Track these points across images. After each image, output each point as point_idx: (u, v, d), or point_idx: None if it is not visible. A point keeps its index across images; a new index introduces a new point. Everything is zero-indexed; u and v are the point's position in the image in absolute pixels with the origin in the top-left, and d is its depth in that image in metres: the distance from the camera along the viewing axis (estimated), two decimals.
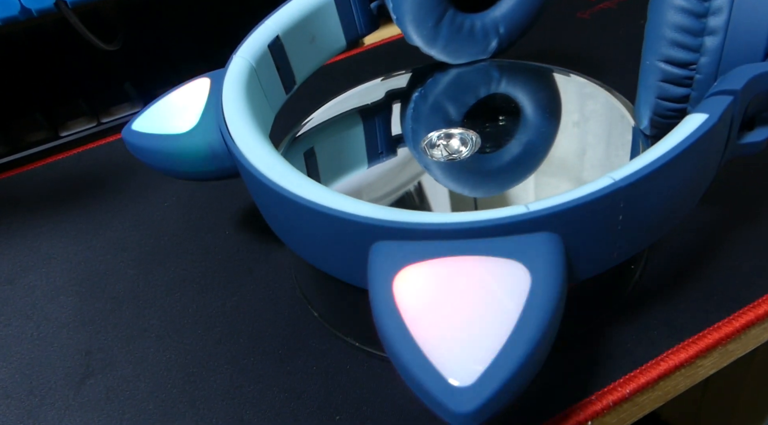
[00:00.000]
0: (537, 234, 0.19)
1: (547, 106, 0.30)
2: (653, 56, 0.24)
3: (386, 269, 0.19)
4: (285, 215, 0.23)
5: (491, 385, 0.17)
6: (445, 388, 0.17)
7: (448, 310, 0.18)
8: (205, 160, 0.27)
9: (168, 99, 0.29)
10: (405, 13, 0.31)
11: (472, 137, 0.29)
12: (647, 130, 0.26)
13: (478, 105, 0.31)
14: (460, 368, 0.17)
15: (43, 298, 0.31)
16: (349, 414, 0.24)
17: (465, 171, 0.27)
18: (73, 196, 0.38)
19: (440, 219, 0.19)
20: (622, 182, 0.19)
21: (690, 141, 0.20)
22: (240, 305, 0.29)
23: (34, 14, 0.38)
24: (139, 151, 0.28)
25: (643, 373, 0.24)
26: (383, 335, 0.18)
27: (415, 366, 0.17)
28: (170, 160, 0.27)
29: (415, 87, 0.33)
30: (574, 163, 0.27)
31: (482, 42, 0.33)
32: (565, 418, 0.23)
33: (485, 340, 0.17)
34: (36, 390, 0.27)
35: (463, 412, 0.16)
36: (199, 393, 0.25)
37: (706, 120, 0.20)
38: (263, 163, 0.23)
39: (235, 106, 0.26)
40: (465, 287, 0.18)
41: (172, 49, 0.47)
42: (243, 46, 0.29)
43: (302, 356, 0.26)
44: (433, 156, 0.28)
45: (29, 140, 0.42)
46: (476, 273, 0.19)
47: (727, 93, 0.21)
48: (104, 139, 0.43)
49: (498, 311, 0.18)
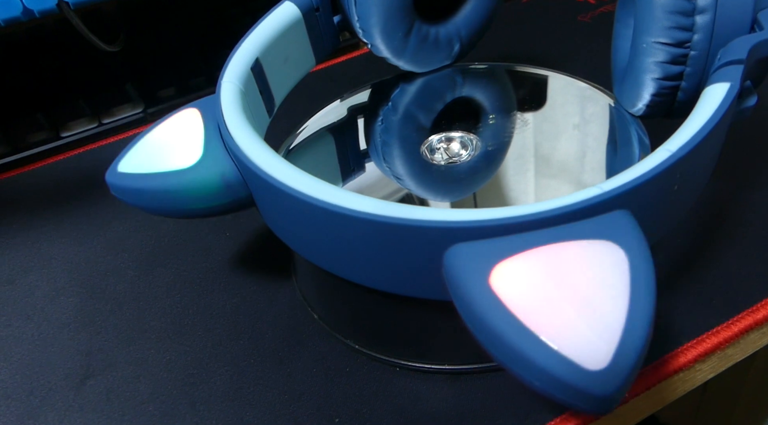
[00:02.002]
0: (613, 213, 0.19)
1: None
2: (649, 38, 0.25)
3: (478, 269, 0.19)
4: (337, 234, 0.21)
5: (627, 363, 0.17)
6: (583, 375, 0.17)
7: (559, 299, 0.18)
8: (217, 192, 0.25)
9: (153, 135, 0.27)
10: (373, 26, 0.31)
11: (472, 140, 0.29)
12: (639, 112, 0.28)
13: (459, 109, 0.31)
14: (592, 352, 0.17)
15: (44, 299, 0.31)
16: (348, 416, 0.24)
17: (441, 178, 0.27)
18: (74, 196, 0.38)
19: (520, 212, 0.19)
20: (678, 153, 0.20)
21: (724, 107, 0.22)
22: (240, 306, 0.29)
23: (36, 15, 0.38)
24: (131, 194, 0.26)
25: (641, 377, 0.24)
26: (495, 336, 0.18)
27: (544, 359, 0.17)
28: (174, 198, 0.25)
29: (390, 99, 0.33)
30: (574, 166, 0.27)
31: (446, 48, 0.34)
32: (564, 422, 0.23)
33: (607, 321, 0.17)
34: (36, 391, 0.27)
35: (607, 394, 0.17)
36: (199, 395, 0.25)
37: (730, 87, 0.22)
38: (306, 185, 0.21)
39: (244, 131, 0.24)
40: (568, 273, 0.18)
41: (174, 50, 0.47)
42: (228, 70, 0.27)
43: (302, 358, 0.26)
44: (433, 160, 0.28)
45: (30, 140, 0.42)
46: (574, 258, 0.19)
47: (736, 62, 0.23)
48: (105, 139, 0.43)
49: (609, 291, 0.18)
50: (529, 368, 0.17)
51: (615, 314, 0.17)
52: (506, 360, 0.18)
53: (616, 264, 0.18)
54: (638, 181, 0.20)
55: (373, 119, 0.31)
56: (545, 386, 0.17)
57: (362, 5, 0.30)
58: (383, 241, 0.20)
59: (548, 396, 0.18)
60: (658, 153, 0.20)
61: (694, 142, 0.21)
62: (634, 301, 0.18)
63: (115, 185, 0.26)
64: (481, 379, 0.25)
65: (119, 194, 0.26)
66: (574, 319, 0.17)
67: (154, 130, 0.27)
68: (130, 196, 0.26)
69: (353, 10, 0.31)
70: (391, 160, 0.29)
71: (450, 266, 0.19)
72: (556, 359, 0.17)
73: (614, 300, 0.18)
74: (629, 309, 0.18)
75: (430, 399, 0.24)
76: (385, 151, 0.29)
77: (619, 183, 0.20)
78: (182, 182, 0.25)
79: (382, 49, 0.32)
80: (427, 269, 0.20)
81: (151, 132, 0.27)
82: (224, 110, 0.25)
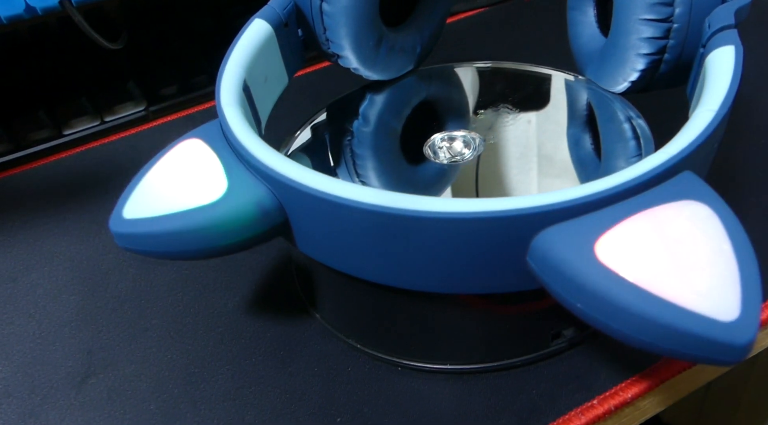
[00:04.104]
0: (681, 175, 0.20)
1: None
2: (634, 16, 0.27)
3: (582, 247, 0.19)
4: (408, 242, 0.21)
5: (755, 307, 0.18)
6: (720, 328, 0.17)
7: (671, 260, 0.18)
8: (252, 222, 0.22)
9: (156, 173, 0.24)
10: (343, 37, 0.31)
11: (475, 138, 0.29)
12: (622, 90, 0.29)
13: (444, 109, 0.31)
14: (722, 304, 0.17)
15: (46, 297, 0.31)
16: (350, 416, 0.24)
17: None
18: (76, 194, 0.38)
19: (604, 186, 0.20)
20: (721, 111, 0.22)
21: (740, 64, 0.23)
22: (242, 305, 0.29)
23: (38, 13, 0.38)
24: (146, 241, 0.23)
25: (645, 377, 0.24)
26: (619, 309, 0.18)
27: (679, 321, 0.17)
28: (203, 237, 0.22)
29: (368, 107, 0.32)
30: (570, 162, 0.27)
31: (411, 54, 0.34)
32: (567, 422, 0.23)
33: (723, 272, 0.18)
34: (38, 389, 0.27)
35: (744, 343, 0.17)
36: (200, 394, 0.25)
37: (736, 48, 0.24)
38: (373, 196, 0.20)
39: (273, 154, 0.23)
40: (669, 234, 0.19)
41: (176, 48, 0.47)
42: (224, 92, 0.26)
43: (303, 357, 0.26)
44: (437, 158, 0.28)
45: (32, 138, 0.42)
46: (668, 220, 0.19)
47: (728, 27, 0.25)
48: (107, 137, 0.43)
49: (713, 244, 0.19)
50: (663, 332, 0.18)
51: (728, 264, 0.18)
52: (633, 331, 0.18)
53: (707, 218, 0.19)
54: (698, 141, 0.21)
55: (365, 131, 0.31)
56: (681, 347, 0.18)
57: (331, 17, 0.30)
58: (463, 240, 0.20)
59: (681, 356, 0.18)
60: (702, 114, 0.22)
61: (729, 99, 0.22)
62: (738, 249, 0.18)
63: (124, 234, 0.23)
64: (483, 379, 0.25)
65: (129, 244, 0.23)
66: (693, 276, 0.18)
67: (155, 169, 0.24)
68: (144, 243, 0.23)
69: (320, 23, 0.31)
70: (407, 167, 0.28)
71: (546, 250, 0.19)
72: (691, 318, 0.17)
73: (722, 251, 0.18)
74: (737, 257, 0.18)
75: (432, 398, 0.24)
76: (393, 161, 0.29)
77: (683, 145, 0.20)
78: (213, 217, 0.22)
79: (352, 60, 0.32)
80: (508, 261, 0.20)
81: (151, 171, 0.24)
82: (240, 135, 0.24)
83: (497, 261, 0.21)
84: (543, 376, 0.24)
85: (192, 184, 0.23)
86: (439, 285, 0.22)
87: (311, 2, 0.30)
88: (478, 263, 0.21)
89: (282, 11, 0.30)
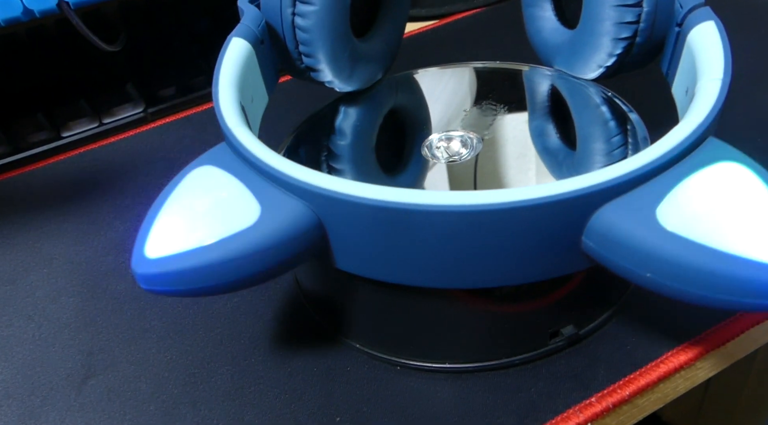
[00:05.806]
0: (708, 141, 0.22)
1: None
2: (607, 3, 0.29)
3: (646, 219, 0.19)
4: (463, 240, 0.20)
5: None
6: None
7: (730, 218, 0.19)
8: (292, 243, 0.21)
9: (173, 206, 0.23)
10: (319, 50, 0.30)
11: (472, 138, 0.29)
12: (596, 76, 0.31)
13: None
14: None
15: (45, 299, 0.31)
16: (349, 416, 0.24)
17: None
18: (74, 196, 0.38)
19: (649, 157, 0.20)
20: (726, 79, 0.23)
21: (726, 36, 0.25)
22: (241, 306, 0.29)
23: (36, 15, 0.38)
24: (179, 279, 0.21)
25: (643, 375, 0.24)
26: (696, 274, 0.19)
27: (755, 274, 0.18)
28: (241, 265, 0.21)
29: (351, 116, 0.32)
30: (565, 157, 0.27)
31: (381, 62, 0.34)
32: (565, 420, 0.23)
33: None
34: (37, 391, 0.27)
35: None
36: (200, 394, 0.25)
37: (717, 22, 0.25)
38: (421, 197, 0.20)
39: (302, 168, 0.22)
40: (721, 195, 0.20)
41: (174, 50, 0.47)
42: (227, 114, 0.25)
43: (303, 357, 0.26)
44: (434, 158, 0.28)
45: (31, 141, 0.42)
46: (715, 182, 0.20)
47: (700, 6, 0.26)
48: (106, 139, 0.43)
49: (761, 198, 0.19)
50: (742, 288, 0.18)
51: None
52: (711, 291, 0.19)
53: (745, 175, 0.20)
54: (717, 107, 0.22)
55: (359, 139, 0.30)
56: (763, 299, 0.18)
57: (306, 30, 0.30)
58: (520, 229, 0.20)
59: (761, 308, 0.19)
60: (710, 83, 0.23)
61: (728, 67, 0.23)
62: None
63: (152, 275, 0.21)
64: (482, 378, 0.25)
65: (159, 285, 0.22)
66: (754, 229, 0.19)
67: (171, 201, 0.23)
68: (177, 281, 0.21)
69: (292, 38, 0.30)
70: (407, 168, 0.28)
71: (608, 226, 0.20)
72: (759, 268, 0.18)
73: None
74: None
75: (430, 397, 0.24)
76: (393, 166, 0.28)
77: (707, 112, 0.22)
78: (253, 242, 0.21)
79: (327, 73, 0.31)
80: (563, 244, 0.21)
81: (167, 204, 0.23)
82: (265, 156, 0.23)
83: (554, 245, 0.21)
84: (541, 375, 0.24)
85: (220, 211, 0.22)
86: (494, 279, 0.22)
87: (282, 17, 0.30)
88: (535, 250, 0.21)
89: (257, 28, 0.29)
